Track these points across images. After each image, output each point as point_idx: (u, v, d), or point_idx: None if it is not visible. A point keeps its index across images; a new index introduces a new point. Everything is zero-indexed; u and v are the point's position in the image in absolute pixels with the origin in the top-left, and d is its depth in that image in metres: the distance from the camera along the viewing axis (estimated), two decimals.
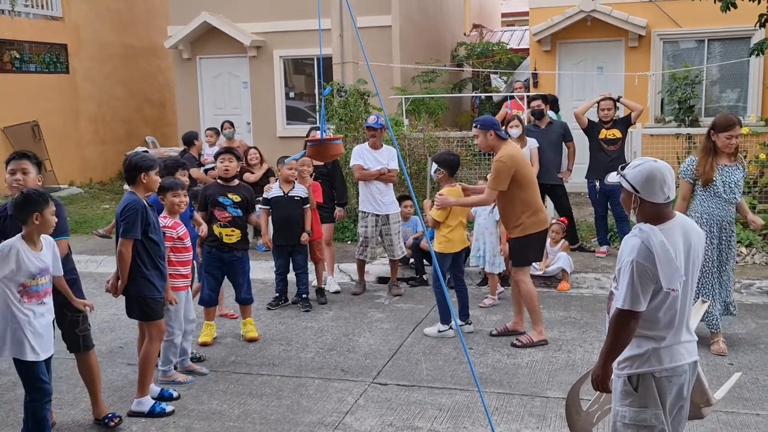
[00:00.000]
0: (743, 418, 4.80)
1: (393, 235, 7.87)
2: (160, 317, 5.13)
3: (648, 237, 3.12)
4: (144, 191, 5.04)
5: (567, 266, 8.01)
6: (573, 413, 3.84)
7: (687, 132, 10.27)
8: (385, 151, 7.94)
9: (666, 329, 3.21)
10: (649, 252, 3.09)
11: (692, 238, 3.26)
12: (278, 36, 15.31)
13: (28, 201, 4.22)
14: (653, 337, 3.22)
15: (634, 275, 3.10)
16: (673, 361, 3.23)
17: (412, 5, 15.50)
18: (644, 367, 3.23)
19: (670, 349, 3.23)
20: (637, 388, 3.24)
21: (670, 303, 3.18)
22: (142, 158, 5.10)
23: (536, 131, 8.94)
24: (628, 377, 3.26)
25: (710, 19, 10.67)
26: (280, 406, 5.15)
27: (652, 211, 3.22)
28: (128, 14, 17.63)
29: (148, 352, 5.10)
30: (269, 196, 7.40)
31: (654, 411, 3.22)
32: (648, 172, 3.20)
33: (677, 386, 3.26)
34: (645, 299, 3.12)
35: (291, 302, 7.62)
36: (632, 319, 3.14)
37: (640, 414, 3.23)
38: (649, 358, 3.22)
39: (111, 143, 16.78)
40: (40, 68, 15.54)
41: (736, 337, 6.30)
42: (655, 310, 3.18)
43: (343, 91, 10.49)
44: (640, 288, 3.10)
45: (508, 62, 17.35)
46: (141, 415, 4.99)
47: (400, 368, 5.83)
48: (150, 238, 4.97)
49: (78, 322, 4.75)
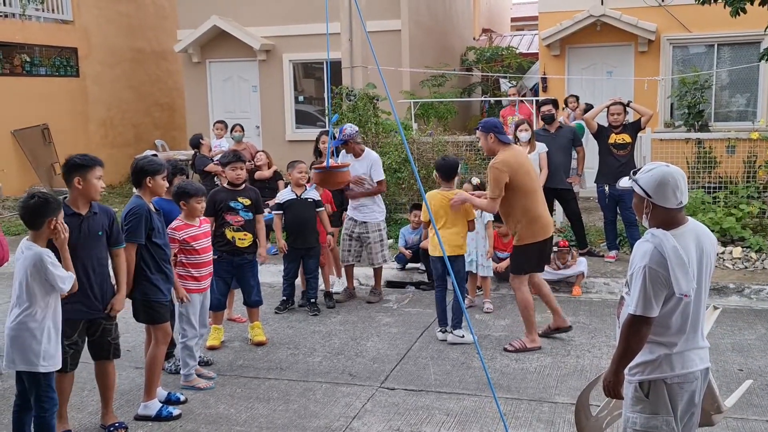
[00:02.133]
0: (753, 425, 4.76)
1: (373, 243, 7.75)
2: (166, 320, 5.14)
3: (661, 242, 3.10)
4: (150, 195, 5.05)
5: (586, 271, 8.00)
6: (582, 418, 3.83)
7: (696, 137, 10.23)
8: (365, 159, 7.69)
9: (678, 335, 3.19)
10: (661, 257, 3.07)
11: (705, 244, 3.24)
12: (288, 40, 15.35)
13: (44, 206, 4.16)
14: (665, 343, 3.19)
15: (647, 280, 3.08)
16: (685, 367, 3.21)
17: (421, 9, 15.51)
18: (656, 374, 3.20)
19: (682, 355, 3.21)
20: (649, 395, 3.21)
21: (682, 309, 3.16)
22: (149, 162, 5.10)
23: (546, 135, 8.93)
24: (639, 383, 3.24)
25: (720, 24, 10.64)
26: (287, 411, 5.15)
27: (664, 216, 3.20)
28: (138, 18, 17.70)
29: (154, 356, 5.11)
30: (282, 200, 7.40)
31: (665, 418, 3.20)
32: (661, 177, 3.18)
33: (689, 393, 3.23)
34: (657, 305, 3.10)
35: (297, 305, 7.62)
36: (644, 324, 3.12)
37: (651, 421, 3.21)
38: (660, 364, 3.20)
39: (120, 147, 16.84)
40: (50, 72, 15.61)
41: (745, 342, 6.26)
42: (667, 316, 3.16)
43: (353, 95, 10.50)
44: (653, 293, 3.08)
45: (517, 67, 17.34)
46: (148, 419, 5.00)
47: (408, 373, 5.81)
48: (154, 243, 4.97)
49: (111, 330, 4.77)
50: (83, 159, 4.60)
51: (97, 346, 4.75)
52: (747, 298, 7.53)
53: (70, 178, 4.55)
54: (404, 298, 8.00)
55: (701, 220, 8.72)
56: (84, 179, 4.53)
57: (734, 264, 8.34)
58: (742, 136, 9.94)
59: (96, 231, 4.61)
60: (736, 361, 5.88)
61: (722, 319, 6.90)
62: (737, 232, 8.74)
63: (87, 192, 4.57)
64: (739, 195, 9.31)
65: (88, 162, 4.58)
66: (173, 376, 5.71)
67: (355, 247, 7.81)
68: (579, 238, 8.92)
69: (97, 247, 4.64)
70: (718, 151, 10.05)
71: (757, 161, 9.81)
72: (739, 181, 9.73)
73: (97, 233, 4.62)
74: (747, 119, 13.09)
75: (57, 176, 14.83)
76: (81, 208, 4.57)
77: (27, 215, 4.19)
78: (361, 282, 8.42)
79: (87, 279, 4.56)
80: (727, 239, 8.79)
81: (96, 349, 4.77)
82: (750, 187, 9.53)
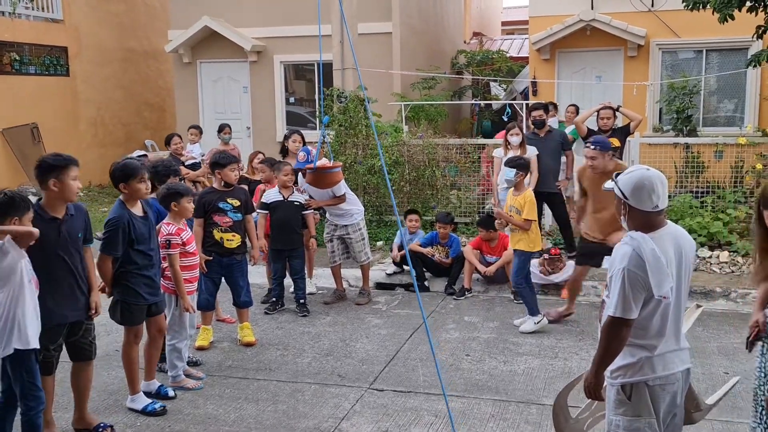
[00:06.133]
0: (738, 428, 4.81)
1: (355, 243, 7.78)
2: (140, 323, 5.12)
3: (639, 245, 3.13)
4: (132, 200, 4.94)
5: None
6: (561, 420, 3.85)
7: (684, 142, 10.30)
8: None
9: (657, 338, 3.23)
10: (640, 260, 3.11)
11: (683, 247, 3.29)
12: (279, 41, 15.35)
13: (8, 204, 4.02)
14: (645, 345, 3.23)
15: (626, 283, 3.11)
16: (666, 369, 3.25)
17: (413, 12, 15.55)
18: (637, 376, 3.24)
19: (663, 357, 3.24)
20: (631, 397, 3.24)
21: (662, 311, 3.20)
22: (122, 167, 4.94)
23: (535, 140, 8.97)
24: (621, 386, 3.27)
25: (708, 29, 10.71)
26: (276, 411, 5.16)
27: (641, 219, 3.24)
28: (129, 18, 17.64)
29: (125, 353, 5.16)
30: (268, 201, 7.42)
31: (648, 420, 3.23)
32: (637, 180, 3.22)
33: (670, 394, 3.27)
34: (636, 307, 3.13)
35: (260, 301, 7.58)
36: (624, 326, 3.15)
37: (634, 423, 3.24)
38: (642, 367, 3.23)
39: (110, 146, 16.77)
40: (40, 70, 15.54)
41: (731, 346, 6.31)
42: (647, 319, 3.19)
43: (343, 97, 10.52)
44: (632, 296, 3.11)
45: (507, 70, 17.43)
46: (136, 411, 5.10)
47: (397, 374, 5.83)
48: (137, 251, 4.90)
49: (91, 330, 4.76)
50: (57, 159, 4.37)
51: (78, 347, 4.70)
52: (733, 302, 7.59)
53: (44, 181, 4.32)
54: (393, 299, 8.02)
55: (689, 224, 8.80)
56: (59, 181, 4.32)
57: (721, 268, 8.40)
58: (729, 142, 10.02)
59: (76, 233, 4.51)
60: (722, 364, 5.93)
61: (709, 323, 6.96)
62: (724, 237, 8.81)
63: (63, 194, 4.37)
64: (727, 200, 9.38)
65: (62, 162, 4.35)
66: (165, 375, 5.71)
67: (339, 247, 7.85)
68: (567, 242, 8.96)
69: (80, 249, 4.58)
70: (705, 156, 10.12)
71: (744, 166, 9.89)
72: (726, 185, 9.80)
73: (77, 235, 4.53)
74: (734, 125, 13.21)
75: None
76: (58, 212, 4.40)
77: None
78: (351, 283, 8.43)
79: (75, 281, 4.52)
80: (714, 243, 8.86)
81: (77, 350, 4.71)
82: (737, 192, 9.60)
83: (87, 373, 4.82)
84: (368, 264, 8.01)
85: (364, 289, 7.99)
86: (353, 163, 10.11)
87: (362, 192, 10.08)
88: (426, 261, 8.37)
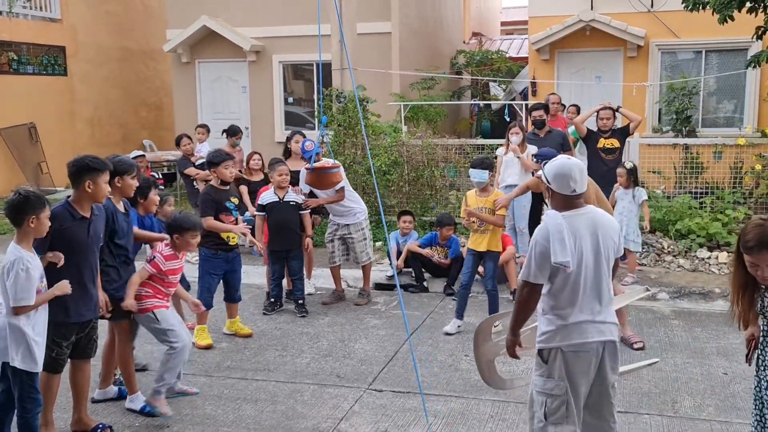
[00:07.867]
0: (736, 428, 4.80)
1: (357, 242, 7.76)
2: (127, 317, 5.04)
3: (548, 219, 3.60)
4: (119, 195, 4.96)
5: None
6: (480, 340, 4.60)
7: (684, 142, 10.30)
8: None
9: (569, 307, 3.59)
10: (546, 231, 3.56)
11: (599, 229, 3.64)
12: (278, 41, 15.32)
13: (25, 203, 4.09)
14: (560, 315, 3.61)
15: (534, 252, 3.57)
16: (581, 337, 3.59)
17: (412, 12, 15.54)
18: (553, 342, 3.62)
19: (579, 326, 3.59)
20: (547, 361, 3.64)
21: (572, 284, 3.56)
22: (119, 162, 4.95)
23: (535, 140, 8.96)
24: (539, 350, 3.68)
25: (708, 30, 10.71)
26: (274, 412, 5.14)
27: (561, 201, 3.68)
28: (127, 17, 17.62)
29: (120, 353, 5.14)
30: (264, 202, 7.41)
31: (558, 382, 3.59)
32: (558, 168, 3.67)
33: (585, 361, 3.59)
34: (542, 274, 3.57)
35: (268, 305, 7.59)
36: (532, 290, 3.62)
37: (547, 383, 3.63)
38: (557, 334, 3.61)
39: (108, 146, 16.69)
40: (38, 70, 15.52)
41: (730, 347, 6.30)
42: (558, 289, 3.59)
43: (342, 97, 10.50)
44: (539, 262, 3.55)
45: (506, 71, 17.41)
46: (134, 412, 5.08)
47: (396, 375, 5.82)
48: (116, 244, 4.91)
49: (96, 327, 4.77)
50: (95, 162, 4.48)
51: (82, 346, 4.69)
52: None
53: (79, 180, 4.42)
54: (392, 300, 8.00)
55: (687, 224, 8.80)
56: (94, 183, 4.43)
57: (720, 269, 8.39)
58: (728, 142, 10.02)
59: (99, 233, 4.60)
60: (721, 365, 5.92)
61: (707, 324, 6.96)
62: (723, 238, 8.80)
63: (95, 196, 4.48)
64: (726, 200, 9.38)
65: (100, 166, 4.48)
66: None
67: (340, 247, 7.83)
68: None
69: (98, 248, 4.64)
70: (705, 157, 10.12)
71: (744, 167, 9.89)
72: (725, 186, 9.80)
73: (100, 235, 4.62)
74: (734, 125, 13.21)
75: (44, 175, 14.76)
76: (86, 211, 4.49)
77: (9, 212, 4.15)
78: (350, 284, 8.41)
79: (92, 281, 4.58)
80: (713, 244, 8.85)
81: (80, 348, 4.69)
82: (736, 193, 9.60)
83: (86, 371, 4.81)
84: (370, 264, 8.00)
85: (363, 290, 7.97)
86: (352, 163, 10.09)
87: (362, 192, 10.05)
88: (425, 262, 8.36)
